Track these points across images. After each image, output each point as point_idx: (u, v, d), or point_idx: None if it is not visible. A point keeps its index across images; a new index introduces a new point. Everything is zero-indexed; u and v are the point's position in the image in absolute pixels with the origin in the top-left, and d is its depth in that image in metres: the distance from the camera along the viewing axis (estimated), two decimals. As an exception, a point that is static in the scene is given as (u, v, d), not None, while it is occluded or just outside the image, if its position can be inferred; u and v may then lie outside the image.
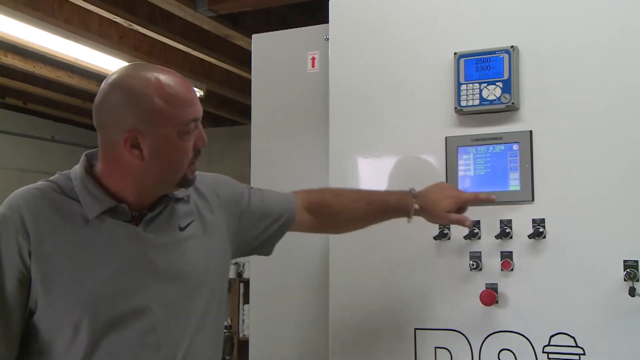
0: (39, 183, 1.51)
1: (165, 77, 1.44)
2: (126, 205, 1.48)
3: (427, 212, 1.81)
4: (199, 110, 1.48)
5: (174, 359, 1.48)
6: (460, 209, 1.82)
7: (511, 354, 1.83)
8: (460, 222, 1.80)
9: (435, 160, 1.97)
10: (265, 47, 2.45)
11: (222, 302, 1.64)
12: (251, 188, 1.77)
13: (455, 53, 1.95)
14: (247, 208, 1.70)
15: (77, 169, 1.52)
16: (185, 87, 1.47)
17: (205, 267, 1.58)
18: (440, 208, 1.79)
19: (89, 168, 1.51)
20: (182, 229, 1.55)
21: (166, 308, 1.48)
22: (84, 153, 1.54)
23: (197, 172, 1.60)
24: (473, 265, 1.88)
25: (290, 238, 1.82)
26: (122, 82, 1.44)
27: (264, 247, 1.77)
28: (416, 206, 1.79)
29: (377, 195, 1.85)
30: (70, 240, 1.44)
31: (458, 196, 1.81)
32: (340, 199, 1.84)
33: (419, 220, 1.88)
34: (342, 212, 1.83)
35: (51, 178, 1.52)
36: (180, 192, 1.56)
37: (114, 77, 1.46)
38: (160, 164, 1.45)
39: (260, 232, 1.73)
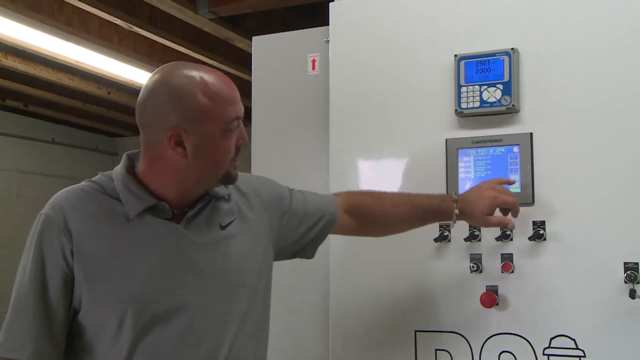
0: (82, 184, 1.52)
1: (209, 76, 1.45)
2: (167, 204, 1.49)
3: (467, 215, 1.76)
4: (241, 109, 1.49)
5: (214, 358, 1.49)
6: (504, 210, 1.77)
7: (511, 356, 1.83)
8: (502, 225, 1.76)
9: (435, 162, 1.97)
10: (266, 49, 2.46)
11: (266, 303, 1.64)
12: (292, 190, 1.77)
13: (455, 55, 1.95)
14: (289, 209, 1.71)
15: (118, 169, 1.52)
16: (228, 86, 1.48)
17: (246, 266, 1.58)
18: (479, 212, 1.74)
19: (130, 168, 1.52)
20: (223, 228, 1.56)
21: (206, 306, 1.49)
22: (126, 153, 1.55)
23: (241, 173, 1.62)
24: (473, 267, 1.88)
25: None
26: (166, 81, 1.45)
27: (306, 249, 1.76)
28: (456, 211, 1.74)
29: (419, 199, 1.80)
30: (112, 238, 1.45)
31: (495, 198, 1.74)
32: (382, 202, 1.81)
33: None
34: (383, 216, 1.81)
35: (93, 179, 1.53)
36: (221, 191, 1.57)
37: (157, 76, 1.47)
38: (203, 161, 1.46)
39: (302, 234, 1.73)
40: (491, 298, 1.84)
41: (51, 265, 1.42)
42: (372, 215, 1.82)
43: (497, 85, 1.89)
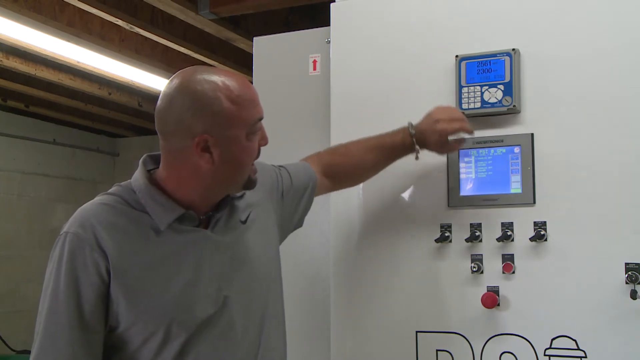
0: (103, 197, 1.49)
1: (230, 80, 1.44)
2: (193, 212, 1.48)
3: (425, 145, 1.86)
4: (262, 110, 1.49)
5: (255, 354, 1.52)
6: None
7: (512, 356, 1.83)
8: (453, 150, 1.88)
9: (436, 162, 1.97)
10: (267, 49, 2.46)
11: (282, 289, 1.68)
12: (278, 168, 1.80)
13: (456, 56, 1.95)
14: (283, 190, 1.75)
15: (138, 180, 1.49)
16: (249, 88, 1.47)
17: (269, 254, 1.63)
18: (434, 143, 1.85)
19: (150, 177, 1.50)
20: (243, 222, 1.58)
21: (244, 304, 1.51)
22: (142, 161, 1.52)
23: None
24: (474, 267, 1.88)
25: (292, 240, 1.82)
26: (187, 87, 1.42)
27: (300, 221, 1.84)
28: (417, 147, 1.85)
29: (382, 140, 1.89)
30: (145, 252, 1.43)
31: (444, 130, 1.83)
32: (350, 155, 1.90)
33: (420, 221, 1.88)
34: (354, 168, 1.91)
35: (112, 191, 1.50)
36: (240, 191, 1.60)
37: (177, 82, 1.44)
38: (230, 166, 1.46)
39: (296, 209, 1.78)
40: (492, 298, 1.84)
41: (86, 285, 1.39)
42: (344, 171, 1.91)
43: (498, 86, 1.89)
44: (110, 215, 1.44)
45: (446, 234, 1.92)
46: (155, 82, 4.71)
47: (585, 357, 1.76)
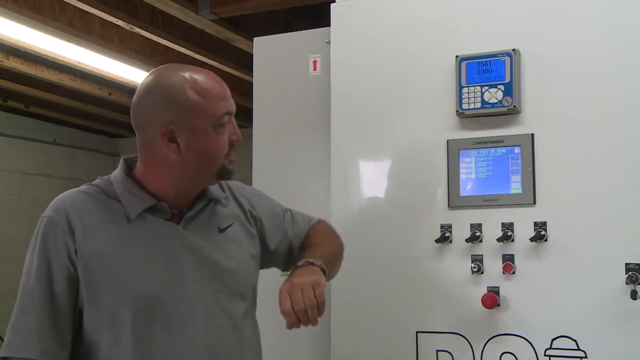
0: (83, 187, 1.55)
1: (199, 74, 1.51)
2: (166, 204, 1.52)
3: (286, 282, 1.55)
4: (232, 105, 1.53)
5: (214, 355, 1.51)
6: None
7: (513, 357, 1.83)
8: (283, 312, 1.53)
9: (436, 163, 1.97)
10: (267, 50, 2.46)
11: (254, 311, 1.67)
12: (286, 210, 1.78)
13: (456, 56, 1.95)
14: (278, 226, 1.73)
15: (116, 173, 1.56)
16: (218, 83, 1.52)
17: (243, 269, 1.61)
18: (284, 289, 1.52)
19: (128, 171, 1.56)
20: (221, 231, 1.59)
21: (202, 300, 1.51)
22: (122, 157, 1.59)
23: (238, 183, 1.68)
24: (475, 268, 1.88)
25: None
26: (157, 81, 1.50)
27: (283, 264, 1.77)
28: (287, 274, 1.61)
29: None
30: (113, 239, 1.48)
31: (292, 300, 1.50)
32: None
33: (421, 222, 1.88)
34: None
35: (93, 182, 1.57)
36: (218, 193, 1.61)
37: (149, 78, 1.52)
38: (197, 157, 1.49)
39: (283, 249, 1.74)
40: (492, 299, 1.84)
41: (56, 266, 1.45)
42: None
43: (499, 86, 1.89)
44: (85, 202, 1.50)
45: (446, 234, 1.92)
46: (156, 82, 4.71)
47: (586, 357, 1.76)
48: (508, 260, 1.85)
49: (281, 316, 1.48)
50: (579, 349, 1.77)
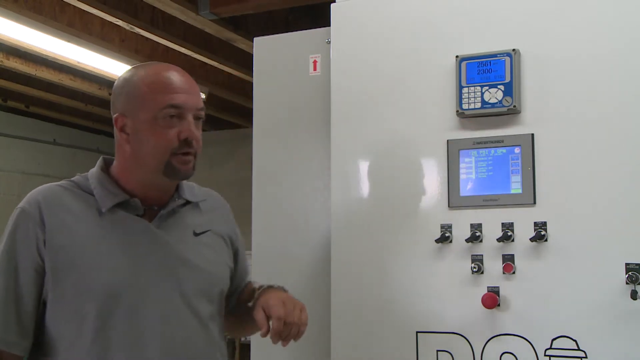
0: (60, 182, 1.58)
1: (156, 68, 1.55)
2: (138, 200, 1.53)
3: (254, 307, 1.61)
4: (184, 100, 1.51)
5: (176, 353, 1.51)
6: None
7: (513, 357, 1.83)
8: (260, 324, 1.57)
9: (436, 163, 1.97)
10: (267, 50, 2.46)
11: (221, 316, 1.66)
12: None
13: (456, 56, 1.95)
14: (236, 251, 1.74)
15: (94, 169, 1.59)
16: (176, 78, 1.53)
17: (215, 271, 1.62)
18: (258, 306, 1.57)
19: (105, 168, 1.58)
20: (196, 235, 1.60)
21: (171, 301, 1.51)
22: (102, 156, 1.62)
23: (216, 194, 1.70)
24: (475, 268, 1.88)
25: (292, 240, 1.82)
26: (123, 74, 1.58)
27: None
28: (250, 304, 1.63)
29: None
30: (84, 232, 1.49)
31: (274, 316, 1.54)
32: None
33: (421, 222, 1.88)
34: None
35: (71, 178, 1.59)
36: (191, 196, 1.62)
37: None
38: (141, 148, 1.51)
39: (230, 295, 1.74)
40: (492, 299, 1.84)
41: (23, 256, 1.46)
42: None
43: (499, 86, 1.89)
44: (59, 195, 1.52)
45: (446, 235, 1.92)
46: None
47: (586, 357, 1.76)
48: (508, 260, 1.85)
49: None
50: (579, 349, 1.77)
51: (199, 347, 1.55)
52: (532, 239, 1.82)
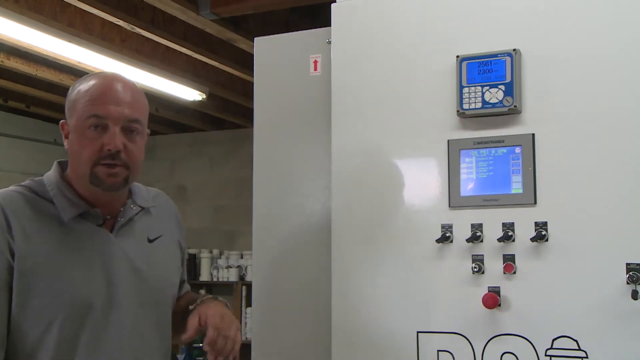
0: (14, 187, 1.57)
1: (101, 79, 1.55)
2: (99, 210, 1.54)
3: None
4: (108, 111, 1.50)
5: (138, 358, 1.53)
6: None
7: (514, 357, 1.83)
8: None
9: (437, 163, 1.97)
10: (268, 50, 2.46)
11: (170, 319, 1.68)
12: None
13: (457, 56, 1.95)
14: (183, 253, 1.79)
15: (50, 175, 1.59)
16: (110, 89, 1.52)
17: (167, 279, 1.66)
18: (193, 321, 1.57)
19: (62, 174, 1.59)
20: (150, 241, 1.63)
21: (129, 305, 1.53)
22: (57, 161, 1.63)
23: (164, 195, 1.74)
24: (475, 268, 1.88)
25: (292, 240, 1.82)
26: (75, 83, 1.62)
27: None
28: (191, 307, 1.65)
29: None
30: (47, 241, 1.48)
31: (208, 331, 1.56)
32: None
33: (421, 222, 1.88)
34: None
35: (23, 183, 1.58)
36: (142, 201, 1.64)
37: None
38: (71, 154, 1.55)
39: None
40: (493, 299, 1.84)
41: None
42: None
43: (499, 86, 1.89)
44: (19, 202, 1.51)
45: (447, 234, 1.92)
46: (156, 82, 4.71)
47: (587, 357, 1.76)
48: (509, 260, 1.85)
49: (282, 316, 1.51)
50: (579, 349, 1.77)
51: (157, 357, 1.59)
52: (532, 239, 1.82)
